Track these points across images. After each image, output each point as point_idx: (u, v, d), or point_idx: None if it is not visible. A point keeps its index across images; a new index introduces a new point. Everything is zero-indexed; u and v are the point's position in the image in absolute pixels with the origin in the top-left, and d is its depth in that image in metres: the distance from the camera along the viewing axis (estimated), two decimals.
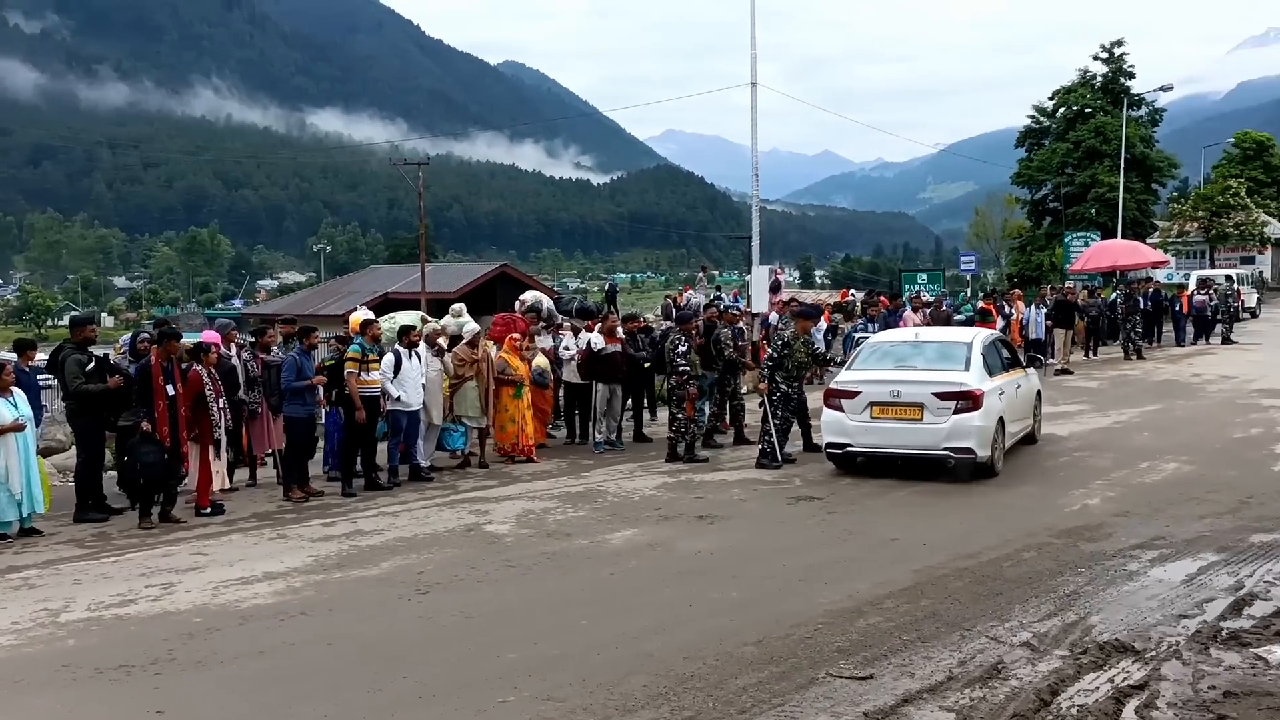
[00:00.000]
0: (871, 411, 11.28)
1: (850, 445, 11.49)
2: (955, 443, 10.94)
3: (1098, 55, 53.27)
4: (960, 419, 10.92)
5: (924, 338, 13.09)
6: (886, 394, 11.27)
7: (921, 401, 11.06)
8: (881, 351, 12.47)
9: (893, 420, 11.24)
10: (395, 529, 9.62)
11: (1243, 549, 8.12)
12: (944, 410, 10.94)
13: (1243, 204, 52.93)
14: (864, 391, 11.37)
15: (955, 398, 10.95)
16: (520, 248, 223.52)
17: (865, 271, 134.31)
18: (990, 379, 11.57)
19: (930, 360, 11.89)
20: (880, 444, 11.38)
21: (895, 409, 11.21)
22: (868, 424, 11.31)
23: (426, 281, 41.47)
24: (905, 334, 13.76)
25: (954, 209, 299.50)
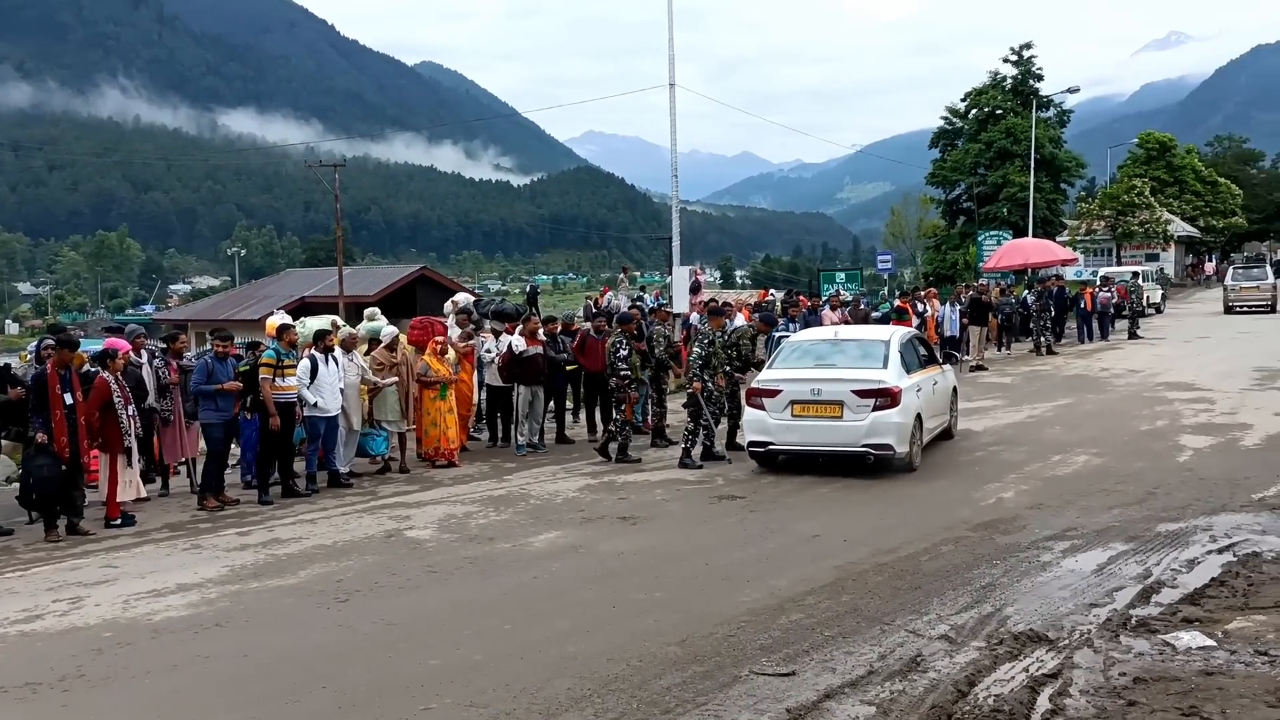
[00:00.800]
0: (793, 410, 11.45)
1: (772, 444, 11.65)
2: (875, 439, 11.13)
3: (1007, 58, 54.47)
4: (879, 416, 11.11)
5: (843, 336, 13.26)
6: (807, 392, 11.44)
7: (841, 399, 11.24)
8: (801, 350, 12.64)
9: (813, 418, 11.40)
10: (314, 536, 9.44)
11: (1150, 538, 8.36)
12: (863, 408, 11.14)
13: (1147, 203, 54.67)
14: (785, 390, 11.53)
15: (874, 395, 11.15)
16: (440, 250, 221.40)
17: (785, 271, 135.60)
18: (908, 376, 11.79)
19: (849, 359, 12.08)
20: (801, 442, 11.55)
21: (816, 407, 11.37)
22: (789, 422, 11.47)
23: (345, 285, 40.80)
24: (824, 333, 13.93)
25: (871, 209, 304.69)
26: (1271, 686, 5.12)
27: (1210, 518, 8.94)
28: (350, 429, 12.33)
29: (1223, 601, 6.62)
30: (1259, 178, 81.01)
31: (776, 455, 11.84)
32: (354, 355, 12.51)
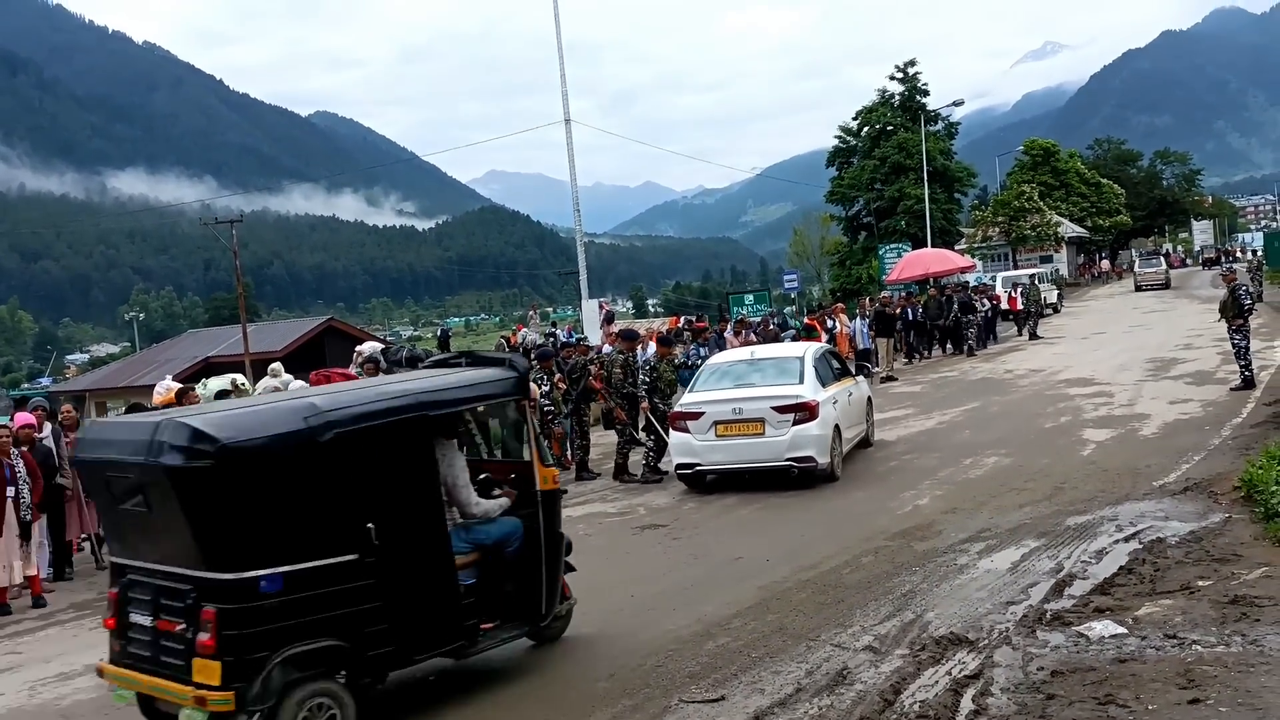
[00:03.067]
0: (716, 430, 11.70)
1: (699, 464, 11.90)
2: (797, 452, 11.45)
3: (894, 75, 56.07)
4: (799, 430, 11.44)
5: (759, 355, 13.55)
6: (729, 412, 11.70)
7: (762, 416, 11.52)
8: (720, 372, 12.95)
9: (737, 437, 11.69)
10: None
11: (1060, 532, 8.58)
12: (784, 423, 11.44)
13: (1036, 207, 56.55)
14: (707, 412, 11.77)
15: (793, 410, 11.46)
16: (348, 299, 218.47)
17: (696, 297, 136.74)
18: (824, 389, 12.12)
19: (767, 377, 12.38)
20: (727, 461, 11.80)
21: (738, 426, 11.65)
22: (713, 442, 11.71)
23: (250, 341, 39.96)
24: (741, 353, 14.21)
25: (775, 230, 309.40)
26: (1181, 669, 5.28)
27: (1115, 508, 9.21)
28: None
29: (1131, 589, 6.82)
30: (1138, 176, 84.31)
31: (704, 475, 12.05)
32: None
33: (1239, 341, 15.92)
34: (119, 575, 5.78)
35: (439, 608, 5.90)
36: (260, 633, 5.12)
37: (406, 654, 5.77)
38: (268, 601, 5.14)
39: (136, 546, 5.71)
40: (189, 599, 5.19)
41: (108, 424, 7.61)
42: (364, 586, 5.47)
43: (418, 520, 5.86)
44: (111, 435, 6.01)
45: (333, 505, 5.45)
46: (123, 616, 5.66)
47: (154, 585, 5.47)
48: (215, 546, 5.15)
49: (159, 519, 5.34)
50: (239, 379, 13.13)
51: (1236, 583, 6.62)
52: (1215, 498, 9.09)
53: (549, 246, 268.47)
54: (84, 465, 6.30)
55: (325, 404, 5.61)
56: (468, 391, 6.46)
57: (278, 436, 5.34)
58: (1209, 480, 9.75)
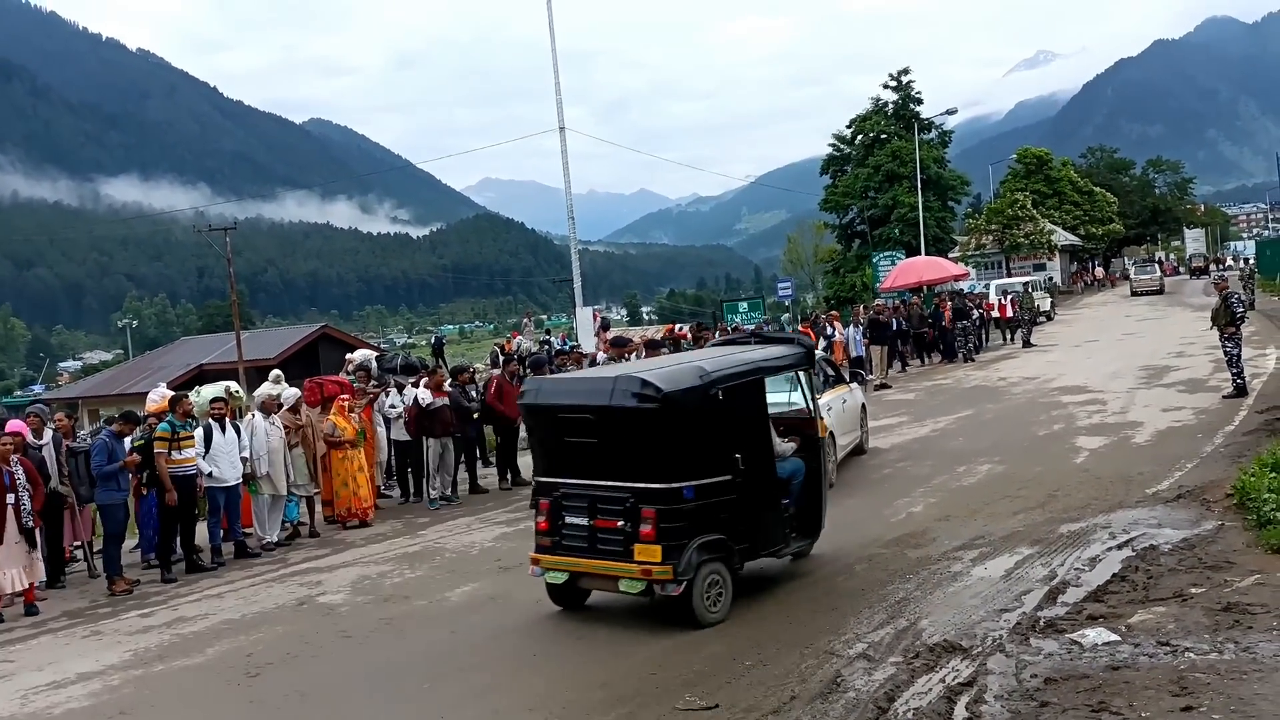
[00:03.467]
0: None
1: None
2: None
3: (887, 84, 56.15)
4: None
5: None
6: None
7: None
8: None
9: None
10: (221, 611, 9.15)
11: (1053, 540, 8.59)
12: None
13: (1030, 215, 56.66)
14: None
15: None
16: (342, 307, 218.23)
17: (690, 304, 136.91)
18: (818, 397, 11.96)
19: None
20: None
21: None
22: None
23: (244, 349, 39.90)
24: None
25: (769, 237, 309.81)
26: (1174, 676, 5.29)
27: (1109, 515, 9.23)
28: (276, 495, 12.03)
29: (1124, 596, 6.83)
30: (1131, 185, 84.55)
31: None
32: (274, 419, 12.21)
33: (1231, 349, 15.96)
34: (549, 491, 7.79)
35: (773, 518, 7.96)
36: (682, 526, 7.13)
37: (755, 550, 7.77)
38: (686, 505, 7.19)
39: (577, 469, 7.64)
40: (629, 503, 7.19)
41: (562, 379, 9.74)
42: (734, 499, 7.43)
43: (762, 453, 7.80)
44: (569, 387, 8.40)
45: (718, 439, 7.42)
46: (556, 519, 7.68)
47: (590, 495, 7.49)
48: (655, 465, 7.23)
49: (607, 447, 7.41)
50: (233, 386, 13.12)
51: (1229, 590, 6.63)
52: (1208, 505, 9.11)
53: (543, 254, 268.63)
54: (535, 409, 8.13)
55: (710, 366, 7.57)
56: (781, 360, 8.48)
57: (689, 388, 7.27)
58: (1202, 488, 9.77)
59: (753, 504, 7.61)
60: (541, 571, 7.77)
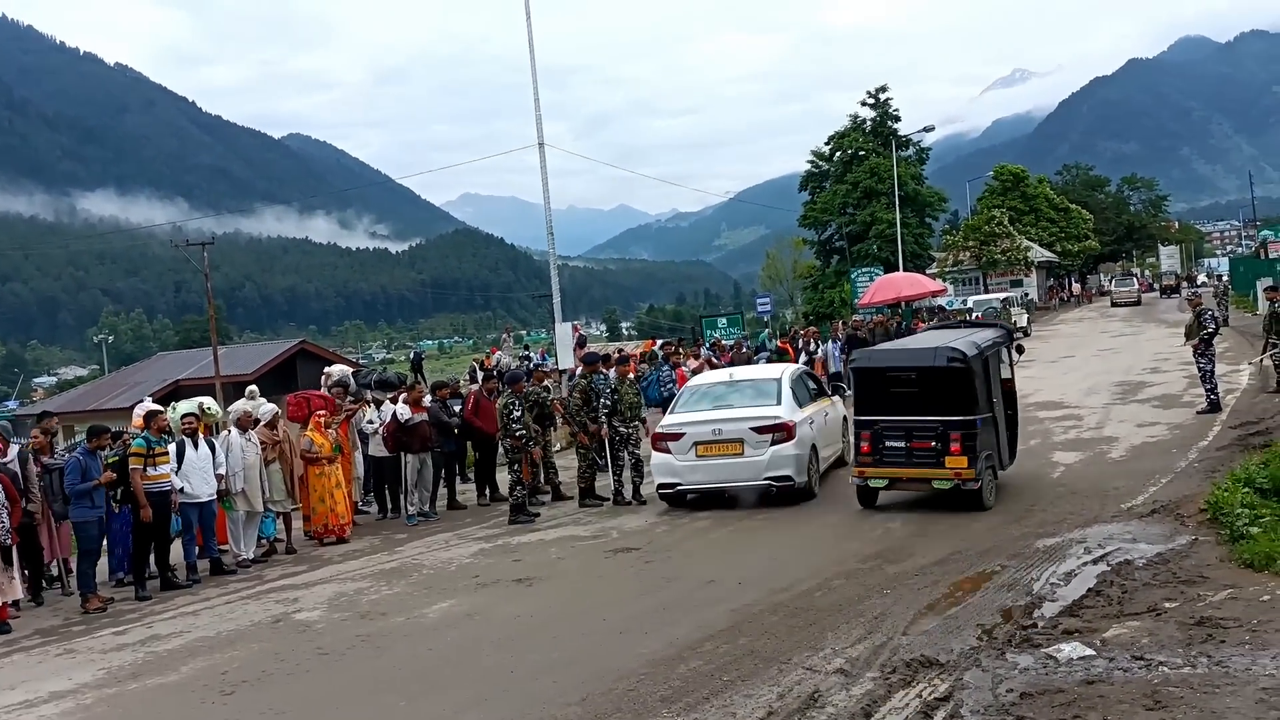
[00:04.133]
0: (696, 450, 12.09)
1: (680, 484, 12.27)
2: (775, 472, 11.83)
3: (865, 101, 56.68)
4: (777, 450, 11.84)
5: (738, 377, 13.81)
6: (709, 433, 12.10)
7: (741, 437, 11.93)
8: (700, 393, 13.30)
9: (717, 457, 12.05)
10: (196, 629, 9.07)
11: (1030, 554, 8.63)
12: (762, 443, 11.85)
13: (1006, 231, 57.15)
14: (688, 433, 12.16)
15: (771, 430, 11.87)
16: (320, 322, 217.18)
17: (670, 320, 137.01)
18: (801, 410, 12.53)
19: (746, 398, 12.71)
20: (707, 480, 12.17)
21: (718, 446, 12.04)
22: (694, 462, 12.09)
23: (221, 364, 39.66)
24: (721, 375, 14.47)
25: (748, 253, 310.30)
26: (1148, 690, 5.32)
27: (1084, 530, 9.29)
28: (251, 511, 11.96)
29: (1100, 611, 6.87)
30: (1106, 202, 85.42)
31: (685, 494, 12.39)
32: (251, 434, 12.14)
33: (1204, 365, 16.12)
34: (870, 425, 11.03)
35: (1008, 442, 11.68)
36: (975, 445, 10.54)
37: (1002, 464, 11.47)
38: (977, 430, 10.58)
39: (897, 409, 10.97)
40: (939, 430, 10.56)
41: (888, 350, 12.91)
42: (992, 431, 11.01)
43: (1001, 399, 11.52)
44: (895, 356, 11.93)
45: (985, 388, 10.96)
46: (877, 444, 10.92)
47: (907, 426, 10.81)
48: (959, 404, 10.62)
49: (923, 394, 10.80)
50: (206, 402, 13.02)
51: (1203, 604, 6.68)
52: (1182, 520, 9.17)
53: (522, 269, 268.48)
54: (865, 370, 11.47)
55: (978, 340, 11.31)
56: (1000, 339, 12.16)
57: (975, 355, 10.78)
58: (1176, 503, 9.84)
59: (1001, 432, 11.33)
60: (863, 480, 11.13)
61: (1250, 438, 13.05)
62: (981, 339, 11.49)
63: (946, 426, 10.50)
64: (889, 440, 10.86)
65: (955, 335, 11.98)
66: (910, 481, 11.00)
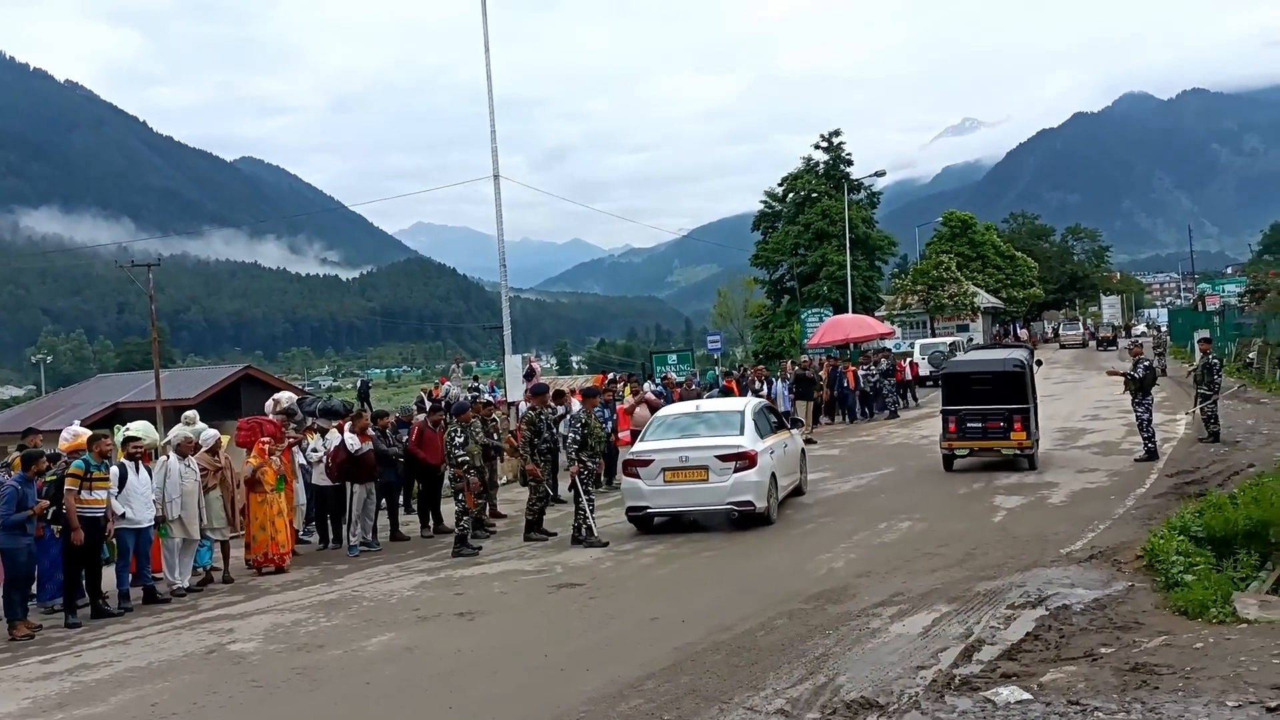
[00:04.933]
0: (664, 476, 12.80)
1: (649, 507, 12.94)
2: (738, 497, 12.58)
3: (819, 144, 57.40)
4: (740, 477, 12.58)
5: (704, 409, 14.68)
6: (676, 460, 12.81)
7: (706, 464, 12.69)
8: (668, 424, 14.05)
9: (683, 482, 12.79)
10: (126, 658, 8.84)
11: (970, 598, 8.71)
12: (726, 470, 12.61)
13: (954, 277, 58.01)
14: (656, 459, 12.86)
15: (734, 459, 12.62)
16: (267, 348, 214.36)
17: (620, 355, 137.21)
18: (762, 440, 13.27)
19: (711, 428, 13.50)
20: (674, 504, 12.91)
21: (684, 472, 12.78)
22: (662, 487, 12.81)
23: (163, 388, 38.98)
24: (688, 406, 15.32)
25: (701, 290, 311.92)
26: None
27: (1024, 574, 9.39)
28: (188, 539, 11.72)
29: (1037, 655, 6.94)
30: (1051, 251, 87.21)
31: (652, 518, 13.05)
32: (190, 461, 11.92)
33: (1142, 414, 16.46)
34: (954, 413, 16.32)
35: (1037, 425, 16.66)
36: (1029, 425, 16.09)
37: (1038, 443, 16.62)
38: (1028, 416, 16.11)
39: (973, 400, 16.19)
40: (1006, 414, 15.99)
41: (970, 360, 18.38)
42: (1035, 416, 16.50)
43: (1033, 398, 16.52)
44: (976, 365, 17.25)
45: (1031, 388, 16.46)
46: (961, 425, 16.17)
47: (980, 412, 16.11)
48: (1018, 397, 16.09)
49: (995, 390, 16.13)
50: (144, 427, 12.84)
51: (1137, 650, 6.78)
52: (1119, 566, 9.32)
53: (474, 300, 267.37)
54: (952, 375, 17.21)
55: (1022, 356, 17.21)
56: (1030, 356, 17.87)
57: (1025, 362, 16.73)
58: (1113, 549, 10.00)
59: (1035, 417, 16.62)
60: (950, 451, 16.54)
61: (1186, 486, 13.35)
62: (1023, 355, 17.31)
63: (1012, 412, 16.00)
64: (969, 422, 16.23)
65: (1007, 352, 18.05)
66: (984, 450, 16.41)
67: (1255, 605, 7.74)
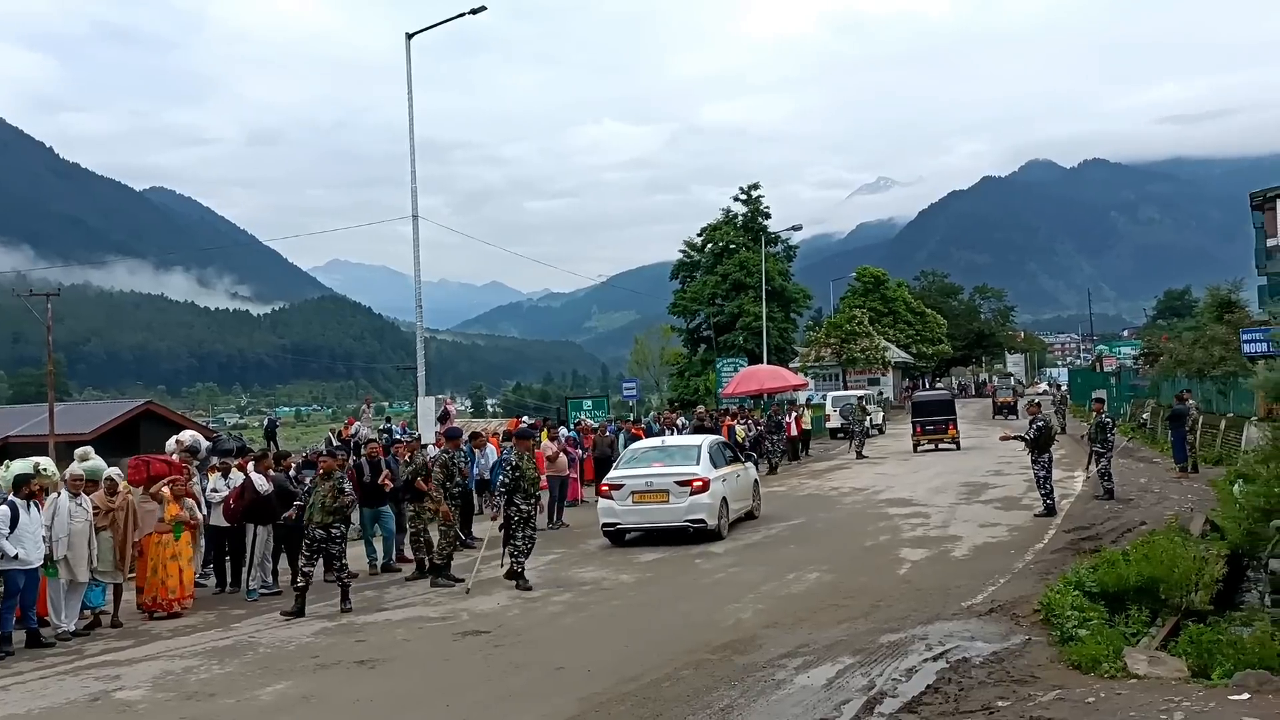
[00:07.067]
0: (633, 498, 15.40)
1: (620, 524, 15.55)
2: (693, 516, 15.12)
3: (738, 196, 58.25)
4: (695, 499, 15.13)
5: (669, 443, 18.20)
6: (643, 484, 15.43)
7: (667, 488, 15.23)
8: (638, 456, 16.87)
9: (649, 503, 15.35)
10: (4, 705, 8.44)
11: (874, 650, 8.79)
12: (683, 493, 15.15)
13: (866, 331, 59.26)
14: (627, 484, 15.49)
15: (690, 484, 15.18)
16: (170, 382, 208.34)
17: (536, 399, 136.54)
18: (715, 470, 15.84)
19: (673, 459, 16.15)
20: (640, 521, 15.53)
21: (650, 494, 15.34)
22: (631, 507, 15.42)
23: (56, 422, 37.58)
24: (655, 441, 18.75)
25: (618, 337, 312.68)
26: None
27: (926, 627, 9.52)
28: (75, 580, 11.25)
29: (937, 708, 7.02)
30: (959, 309, 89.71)
31: (624, 533, 15.66)
32: (82, 499, 11.47)
33: (1039, 472, 16.91)
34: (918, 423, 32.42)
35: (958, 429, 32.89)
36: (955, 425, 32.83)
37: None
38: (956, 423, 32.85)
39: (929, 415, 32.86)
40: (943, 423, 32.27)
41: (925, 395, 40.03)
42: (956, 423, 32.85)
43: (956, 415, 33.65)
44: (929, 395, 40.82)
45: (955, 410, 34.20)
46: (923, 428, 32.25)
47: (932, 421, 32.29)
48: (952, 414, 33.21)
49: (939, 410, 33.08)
50: (43, 463, 12.36)
51: (1033, 704, 6.90)
52: (1017, 620, 9.51)
53: (389, 340, 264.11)
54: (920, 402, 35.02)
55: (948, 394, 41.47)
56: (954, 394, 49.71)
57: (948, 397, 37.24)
58: (1012, 603, 10.21)
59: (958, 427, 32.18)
60: (917, 441, 31.87)
61: (1082, 542, 13.71)
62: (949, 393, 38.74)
63: (948, 420, 31.54)
64: (926, 426, 31.52)
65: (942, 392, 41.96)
66: (933, 441, 31.30)
67: (1145, 661, 7.96)
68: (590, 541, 16.34)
